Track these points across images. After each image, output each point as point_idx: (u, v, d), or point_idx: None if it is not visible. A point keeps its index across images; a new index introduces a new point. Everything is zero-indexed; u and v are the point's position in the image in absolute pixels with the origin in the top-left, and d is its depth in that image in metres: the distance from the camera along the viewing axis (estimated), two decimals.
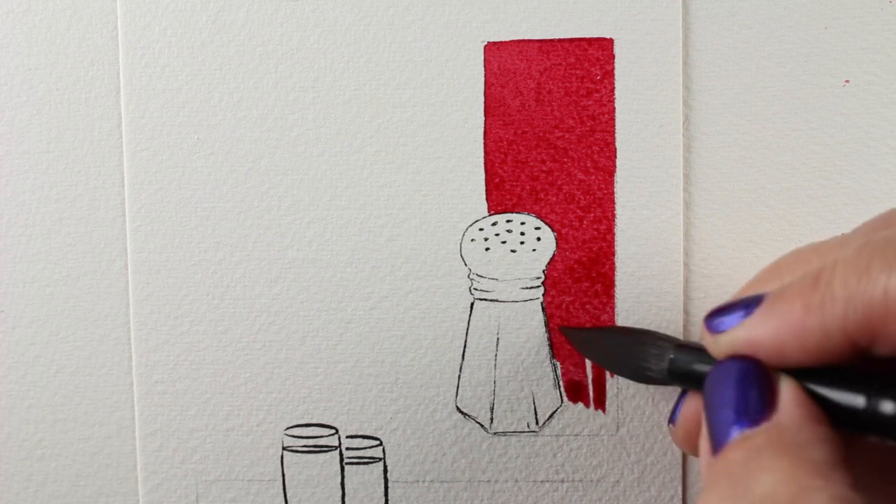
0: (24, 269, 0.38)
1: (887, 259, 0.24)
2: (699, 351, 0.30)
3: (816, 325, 0.25)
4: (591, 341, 0.36)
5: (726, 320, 0.27)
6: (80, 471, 0.39)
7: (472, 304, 0.38)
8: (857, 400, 0.25)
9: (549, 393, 0.38)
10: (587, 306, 0.37)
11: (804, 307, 0.25)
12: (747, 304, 0.27)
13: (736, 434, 0.25)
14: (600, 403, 0.38)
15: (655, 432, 0.38)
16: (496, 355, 0.38)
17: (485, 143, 0.37)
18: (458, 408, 0.38)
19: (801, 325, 0.25)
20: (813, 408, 0.26)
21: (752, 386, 0.26)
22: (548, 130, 0.37)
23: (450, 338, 0.38)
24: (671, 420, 0.31)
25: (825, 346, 0.25)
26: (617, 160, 0.37)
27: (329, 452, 0.38)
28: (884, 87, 0.37)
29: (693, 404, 0.30)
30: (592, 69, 0.37)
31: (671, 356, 0.30)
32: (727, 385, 0.26)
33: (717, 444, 0.26)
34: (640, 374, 0.32)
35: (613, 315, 0.37)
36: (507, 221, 0.37)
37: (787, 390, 0.26)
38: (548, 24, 0.37)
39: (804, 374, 0.26)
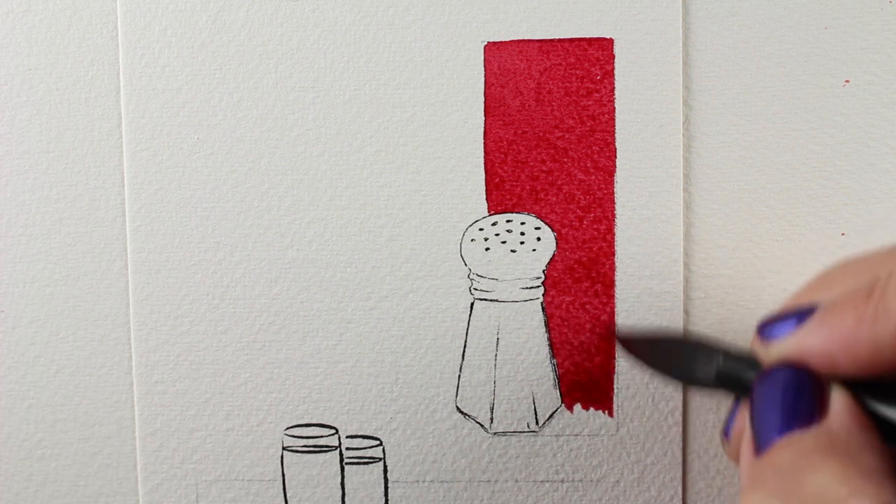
0: (24, 269, 0.38)
1: None
2: (749, 359, 0.30)
3: (868, 337, 0.25)
4: (644, 346, 0.36)
5: (779, 329, 0.27)
6: (80, 471, 0.39)
7: (472, 304, 0.38)
8: None
9: (549, 393, 0.38)
10: (587, 306, 0.37)
11: (857, 319, 0.25)
12: (800, 314, 0.27)
13: (783, 436, 0.25)
14: (601, 404, 0.38)
15: (655, 432, 0.38)
16: (496, 355, 0.38)
17: (485, 143, 0.37)
18: (458, 408, 0.38)
19: (853, 336, 0.25)
20: (864, 417, 0.25)
21: (801, 391, 0.26)
22: (548, 130, 0.37)
23: (450, 338, 0.38)
24: (725, 434, 0.31)
25: (877, 359, 0.25)
26: (617, 160, 0.37)
27: (329, 452, 0.38)
28: (884, 87, 0.37)
29: (746, 417, 0.30)
30: (592, 69, 0.37)
31: (720, 362, 0.30)
32: (776, 389, 0.26)
33: (762, 445, 0.26)
34: (689, 379, 0.32)
35: (613, 315, 0.37)
36: (507, 221, 0.37)
37: (838, 398, 0.26)
38: (548, 24, 0.37)
39: (856, 385, 0.26)
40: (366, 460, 0.38)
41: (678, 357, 0.33)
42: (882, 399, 0.26)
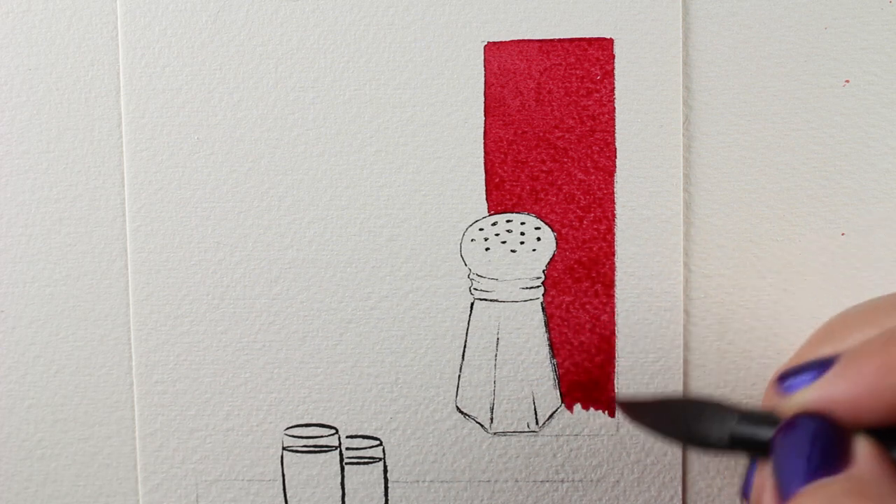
0: (24, 269, 0.38)
1: None
2: (763, 417, 0.29)
3: (892, 386, 0.25)
4: (648, 411, 0.36)
5: (799, 381, 0.27)
6: (80, 471, 0.39)
7: (472, 304, 0.38)
8: None
9: (549, 393, 0.38)
10: (587, 306, 0.37)
11: (881, 366, 0.25)
12: (820, 366, 0.27)
13: (809, 483, 0.25)
14: (601, 404, 0.38)
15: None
16: (496, 355, 0.38)
17: (485, 143, 0.37)
18: (458, 408, 0.38)
19: (877, 384, 0.25)
20: (890, 464, 0.25)
21: (826, 439, 0.26)
22: (548, 130, 0.37)
23: (450, 338, 0.38)
24: (744, 495, 0.30)
25: None
26: (617, 160, 0.37)
27: (329, 452, 0.38)
28: (884, 87, 0.37)
29: (765, 475, 0.30)
30: (592, 69, 0.37)
31: (734, 424, 0.30)
32: (801, 438, 0.26)
33: (787, 493, 0.25)
34: (702, 442, 0.32)
35: (613, 315, 0.37)
36: (507, 221, 0.37)
37: (863, 446, 0.25)
38: (548, 24, 0.37)
39: (878, 433, 0.26)
40: (366, 460, 0.38)
41: (685, 419, 0.33)
42: None
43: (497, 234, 0.37)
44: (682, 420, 0.33)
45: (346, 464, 0.38)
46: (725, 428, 0.30)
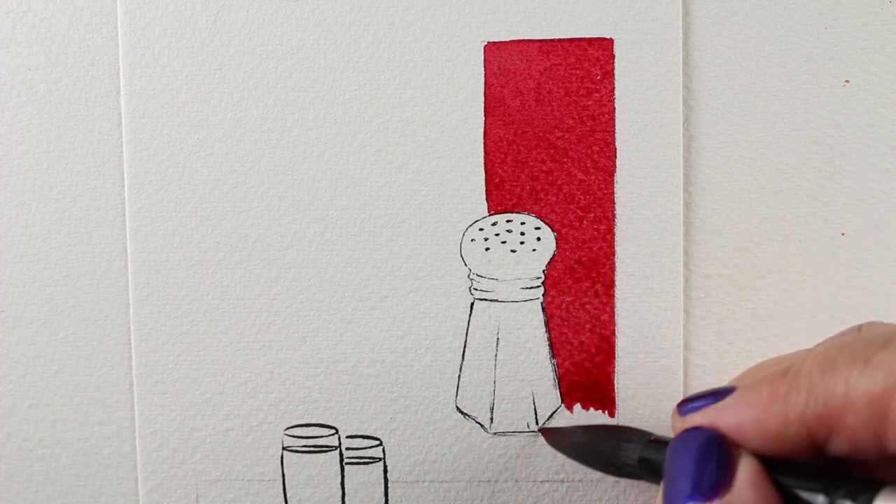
0: (24, 269, 0.38)
1: (853, 356, 0.25)
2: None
3: (779, 412, 0.26)
4: (567, 439, 0.37)
5: (695, 405, 0.29)
6: (80, 471, 0.39)
7: (472, 304, 0.38)
8: (818, 499, 0.26)
9: (549, 393, 0.38)
10: (587, 306, 0.37)
11: (771, 394, 0.26)
12: (718, 393, 0.28)
13: None
14: (601, 404, 0.38)
15: (655, 432, 0.38)
16: (496, 355, 0.38)
17: (485, 143, 0.37)
18: (458, 408, 0.38)
19: (764, 410, 0.26)
20: (769, 491, 0.26)
21: (710, 458, 0.27)
22: (548, 130, 0.37)
23: (450, 338, 0.38)
24: None
25: (784, 435, 0.26)
26: (617, 160, 0.37)
27: (329, 452, 0.38)
28: (884, 87, 0.37)
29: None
30: (592, 69, 0.37)
31: (642, 448, 0.31)
32: (687, 454, 0.27)
33: None
34: (617, 468, 0.33)
35: (613, 315, 0.37)
36: (507, 221, 0.37)
37: (745, 469, 0.27)
38: (548, 24, 0.37)
39: (769, 463, 0.27)
40: (366, 460, 0.38)
41: (600, 446, 0.34)
42: (794, 478, 0.26)
43: (497, 234, 0.37)
44: (597, 446, 0.34)
45: (346, 464, 0.38)
46: (635, 453, 0.32)
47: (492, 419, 0.38)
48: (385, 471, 0.38)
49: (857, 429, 0.25)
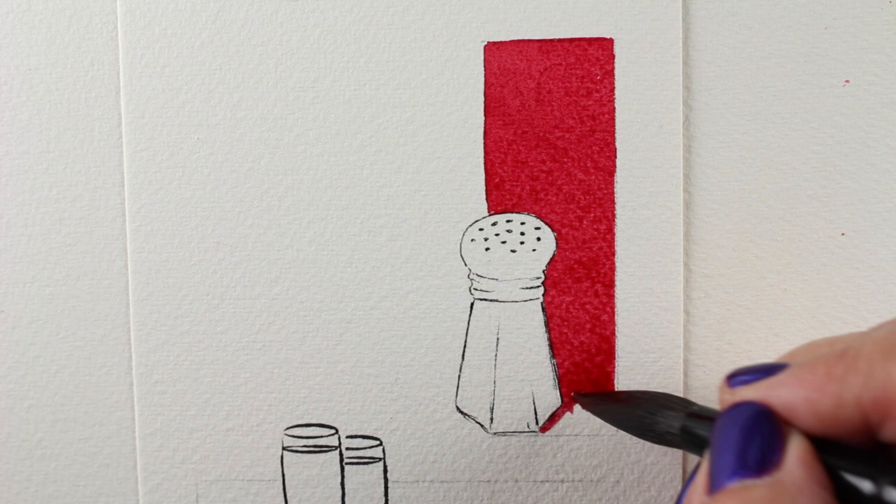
0: (24, 269, 0.38)
1: None
2: (715, 414, 0.29)
3: (834, 392, 0.25)
4: (605, 404, 0.36)
5: (746, 379, 0.28)
6: (80, 471, 0.39)
7: (472, 304, 0.38)
8: (864, 484, 0.25)
9: (549, 393, 0.38)
10: (587, 306, 0.37)
11: (827, 375, 0.26)
12: (769, 369, 0.27)
13: (735, 481, 0.25)
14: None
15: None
16: (496, 355, 0.38)
17: (485, 143, 0.37)
18: (458, 408, 0.38)
19: (819, 389, 0.25)
20: (819, 472, 0.25)
21: (759, 433, 0.26)
22: (548, 130, 0.37)
23: (450, 338, 0.38)
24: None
25: (837, 416, 0.25)
26: (617, 160, 0.37)
27: (329, 452, 0.38)
28: (884, 87, 0.37)
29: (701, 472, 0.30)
30: (592, 69, 0.37)
31: (685, 418, 0.30)
32: (735, 427, 0.26)
33: (714, 486, 0.26)
34: (657, 435, 0.32)
35: (613, 315, 0.37)
36: (507, 221, 0.37)
37: (796, 447, 0.26)
38: (548, 24, 0.37)
39: (817, 443, 0.26)
40: (366, 460, 0.38)
41: (639, 411, 0.33)
42: (842, 459, 0.26)
43: (497, 234, 0.37)
44: (635, 411, 0.33)
45: (346, 464, 0.38)
46: (677, 422, 0.31)
47: (492, 419, 0.38)
48: (385, 471, 0.38)
49: None
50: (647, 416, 0.33)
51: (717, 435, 0.27)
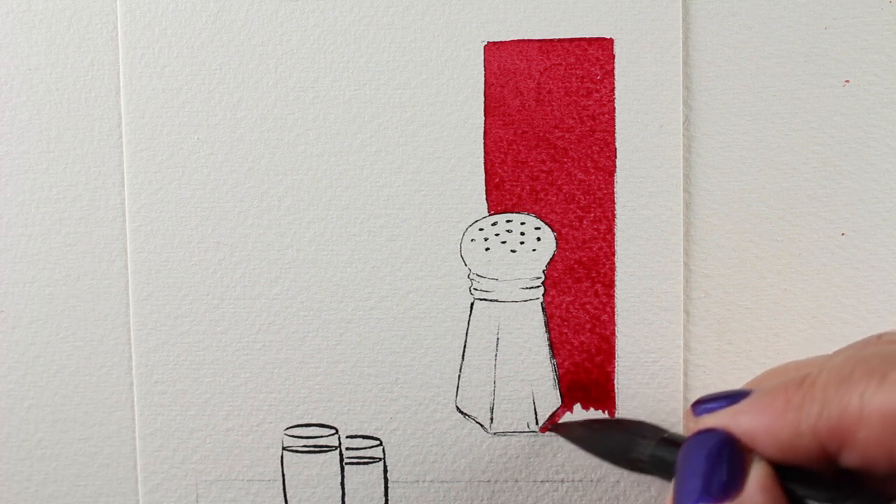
0: (24, 269, 0.38)
1: (870, 370, 0.25)
2: (683, 441, 0.30)
3: (792, 421, 0.26)
4: (580, 432, 0.37)
5: (710, 407, 0.29)
6: (80, 471, 0.39)
7: (472, 304, 0.38)
8: None
9: (549, 393, 0.38)
10: (587, 306, 0.37)
11: (785, 403, 0.26)
12: (734, 396, 0.28)
13: None
14: (601, 404, 0.38)
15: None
16: (496, 355, 0.38)
17: (485, 143, 0.37)
18: (458, 408, 0.38)
19: (777, 418, 0.26)
20: (779, 498, 0.26)
21: (722, 460, 0.27)
22: (548, 130, 0.37)
23: (450, 338, 0.38)
24: None
25: (796, 444, 0.26)
26: (617, 160, 0.37)
27: (329, 452, 0.38)
28: (884, 87, 0.37)
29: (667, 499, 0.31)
30: (592, 69, 0.37)
31: (654, 445, 0.31)
32: (699, 455, 0.27)
33: None
34: (630, 462, 0.33)
35: (613, 315, 0.37)
36: (507, 221, 0.37)
37: (757, 473, 0.27)
38: (548, 24, 0.37)
39: (780, 469, 0.27)
40: (366, 460, 0.38)
41: (611, 439, 0.34)
42: (805, 485, 0.27)
43: (497, 234, 0.37)
44: (608, 441, 0.34)
45: (346, 464, 0.38)
46: (648, 450, 0.32)
47: (492, 419, 0.38)
48: (385, 471, 0.38)
49: (870, 444, 0.25)
50: (619, 444, 0.33)
51: (682, 461, 0.28)
